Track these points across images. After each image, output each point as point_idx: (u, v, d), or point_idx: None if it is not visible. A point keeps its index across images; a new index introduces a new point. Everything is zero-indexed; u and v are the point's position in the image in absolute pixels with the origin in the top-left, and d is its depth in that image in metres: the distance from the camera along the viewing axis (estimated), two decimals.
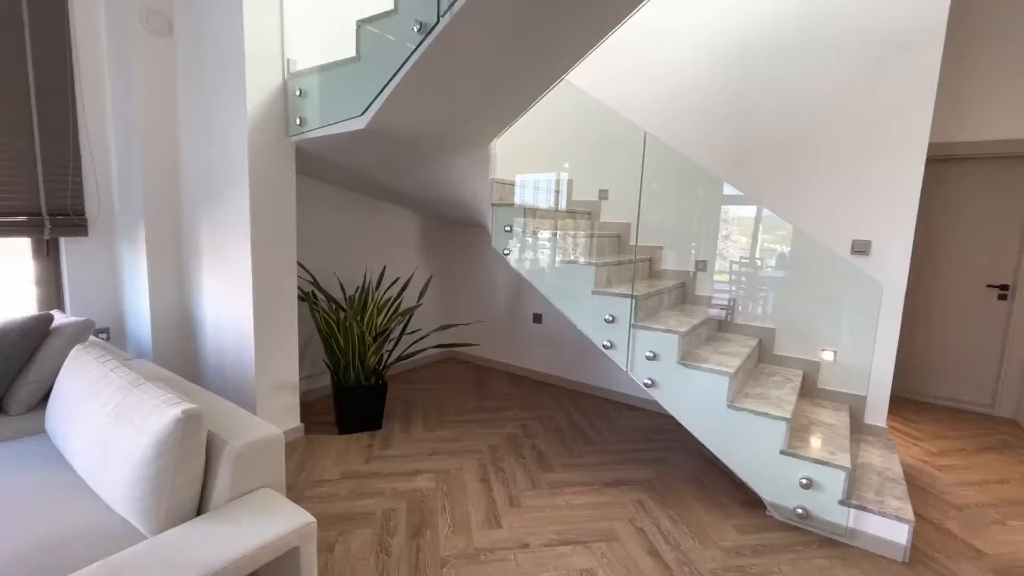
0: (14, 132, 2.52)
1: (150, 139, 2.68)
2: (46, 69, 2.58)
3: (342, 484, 2.36)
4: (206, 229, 2.68)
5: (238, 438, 1.55)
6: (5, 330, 2.15)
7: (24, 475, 1.61)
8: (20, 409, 2.11)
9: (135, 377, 1.69)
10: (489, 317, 4.28)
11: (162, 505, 1.39)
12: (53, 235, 2.69)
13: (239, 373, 2.63)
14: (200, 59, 2.56)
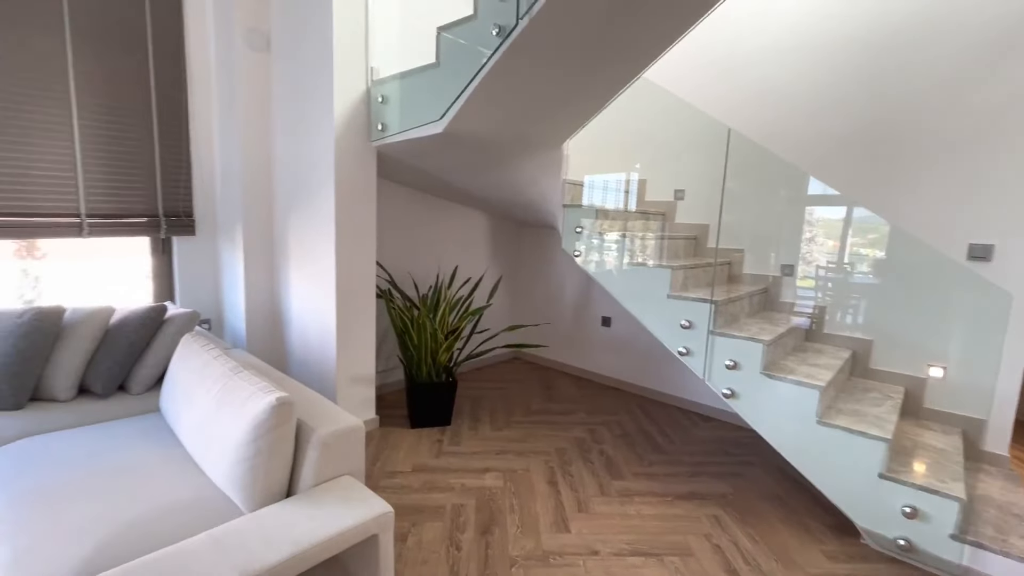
0: (140, 146, 2.83)
1: (248, 147, 2.91)
2: (165, 89, 2.88)
3: (414, 476, 2.44)
4: (294, 229, 2.88)
5: (323, 427, 1.64)
6: (128, 319, 2.42)
7: (143, 448, 1.80)
8: (140, 389, 2.37)
9: (235, 365, 1.84)
10: (556, 319, 4.26)
11: (258, 484, 1.50)
12: (167, 234, 3.00)
13: (321, 365, 2.79)
14: (293, 71, 2.75)
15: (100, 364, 2.30)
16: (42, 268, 3.81)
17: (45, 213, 2.58)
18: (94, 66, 2.64)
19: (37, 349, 2.18)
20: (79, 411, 2.18)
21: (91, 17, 2.60)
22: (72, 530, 1.34)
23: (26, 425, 2.02)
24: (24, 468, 1.65)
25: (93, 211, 2.72)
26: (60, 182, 2.60)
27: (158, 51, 2.84)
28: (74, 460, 1.69)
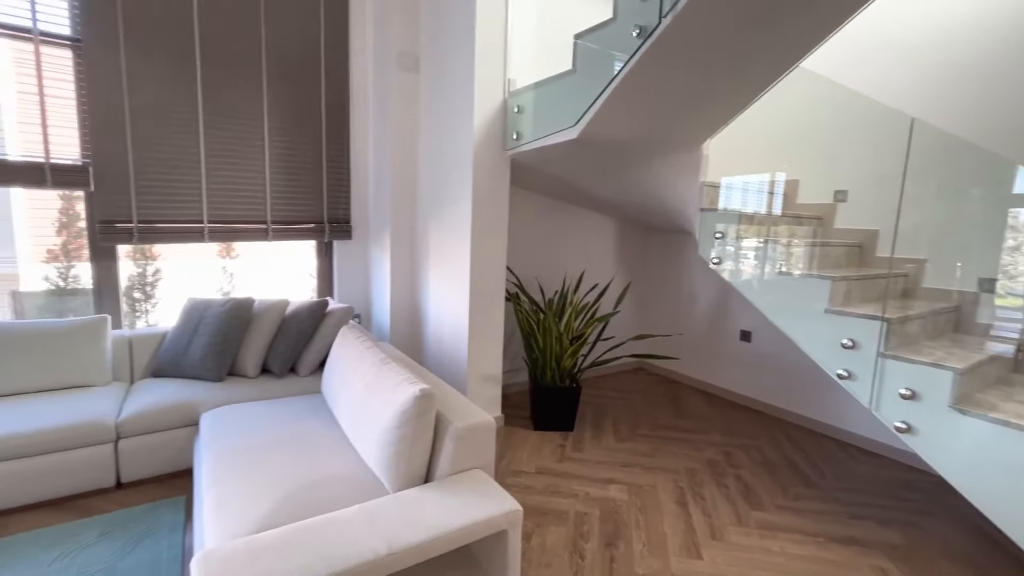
0: (312, 163, 3.29)
1: (397, 161, 3.21)
2: (333, 114, 3.31)
3: (537, 478, 2.46)
4: (434, 234, 3.10)
5: (459, 420, 1.73)
6: (299, 311, 2.81)
7: (309, 424, 2.06)
8: (306, 372, 2.73)
9: (383, 356, 2.02)
10: (688, 330, 4.02)
11: (401, 468, 1.63)
12: (330, 238, 3.43)
13: (454, 361, 2.96)
14: (438, 89, 2.97)
15: (278, 348, 2.70)
16: (236, 266, 4.62)
17: (243, 220, 3.11)
18: (282, 101, 3.12)
19: (235, 333, 2.63)
20: (261, 387, 2.58)
21: (282, 61, 3.09)
22: (258, 487, 1.58)
23: (225, 395, 2.45)
24: (224, 430, 1.99)
25: (275, 219, 3.21)
26: (254, 195, 3.12)
27: (329, 83, 3.27)
28: (259, 428, 1.99)
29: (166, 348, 2.67)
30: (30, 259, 4.40)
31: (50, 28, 2.57)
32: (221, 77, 2.93)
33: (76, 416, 2.13)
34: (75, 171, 2.67)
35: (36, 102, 2.59)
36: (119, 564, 1.72)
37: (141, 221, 2.82)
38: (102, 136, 2.68)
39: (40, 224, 4.41)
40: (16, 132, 2.77)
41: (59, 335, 2.46)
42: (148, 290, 4.09)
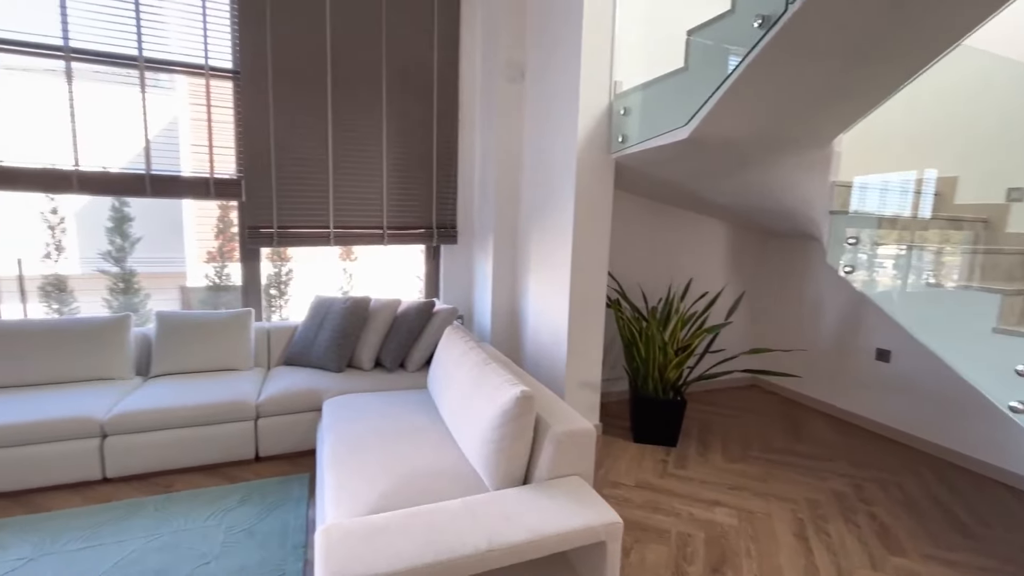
0: (423, 172, 3.50)
1: (502, 168, 3.30)
2: (443, 126, 3.50)
3: (636, 492, 2.37)
4: (535, 239, 3.13)
5: (559, 425, 1.72)
6: (409, 310, 2.99)
7: (417, 417, 2.18)
8: (414, 367, 2.90)
9: (486, 357, 2.08)
10: (812, 346, 3.63)
11: (501, 466, 1.66)
12: (438, 242, 3.62)
13: (552, 366, 2.96)
14: (543, 96, 3.01)
15: (390, 344, 2.90)
16: (354, 267, 5.05)
17: (363, 226, 3.39)
18: (399, 114, 3.37)
19: (354, 328, 2.87)
20: (375, 379, 2.78)
21: (399, 77, 3.33)
22: (372, 471, 1.70)
23: (344, 385, 2.68)
24: (343, 417, 2.17)
25: (391, 224, 3.46)
26: (373, 203, 3.39)
27: (441, 96, 3.46)
28: (373, 417, 2.15)
29: (296, 340, 2.99)
30: (195, 259, 5.20)
31: (217, 64, 3.02)
32: (347, 96, 3.23)
33: (227, 395, 2.46)
34: (231, 184, 3.11)
35: (204, 127, 3.06)
36: (257, 527, 1.95)
37: (280, 227, 3.20)
38: (252, 154, 3.09)
39: (203, 230, 5.19)
40: (189, 153, 3.30)
41: (216, 325, 2.86)
42: (282, 288, 4.60)
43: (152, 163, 2.96)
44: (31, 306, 3.57)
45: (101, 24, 2.79)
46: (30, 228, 3.77)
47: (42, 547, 1.80)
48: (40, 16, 2.71)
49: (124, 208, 4.08)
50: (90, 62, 2.83)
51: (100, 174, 2.89)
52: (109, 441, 2.25)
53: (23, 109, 2.81)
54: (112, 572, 1.69)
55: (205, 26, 2.95)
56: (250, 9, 2.97)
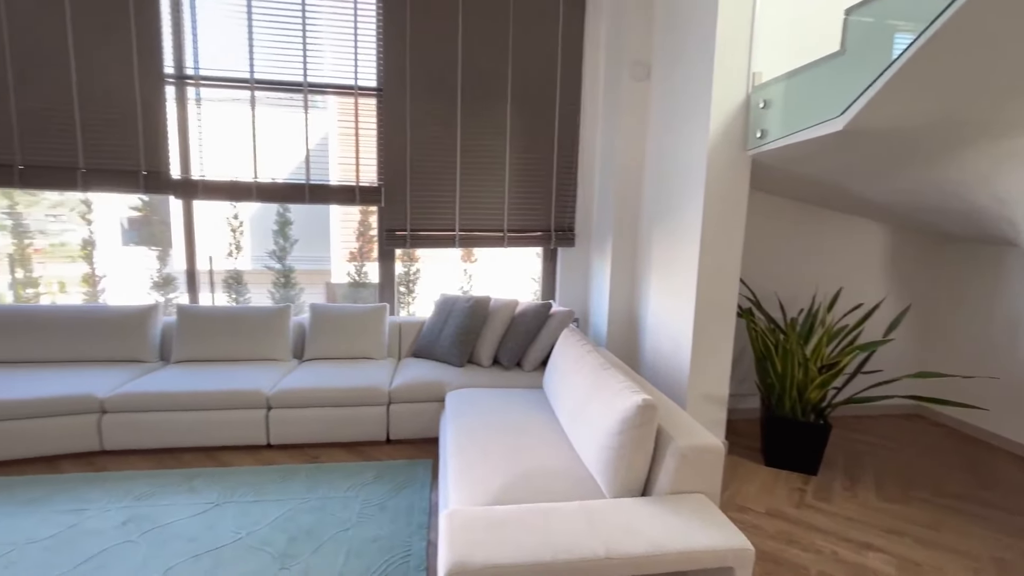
0: (543, 175, 3.55)
1: (624, 169, 3.22)
2: (565, 129, 3.52)
3: (767, 520, 2.16)
4: (657, 242, 3.01)
5: (683, 438, 1.63)
6: (526, 311, 3.05)
7: (532, 415, 2.22)
8: (530, 367, 2.95)
9: (603, 361, 2.05)
10: (1005, 373, 3.00)
11: (619, 475, 1.62)
12: (555, 245, 3.65)
13: (672, 375, 2.82)
14: (670, 94, 2.88)
15: (507, 343, 2.99)
16: (474, 268, 5.30)
17: (485, 229, 3.54)
18: (522, 119, 3.46)
19: (475, 326, 3.01)
20: (493, 376, 2.88)
21: (523, 81, 3.43)
22: (492, 463, 1.77)
23: (465, 379, 2.81)
24: (465, 409, 2.28)
25: (511, 227, 3.56)
26: (494, 207, 3.52)
27: (563, 98, 3.49)
28: (492, 412, 2.23)
29: (423, 334, 3.21)
30: (338, 259, 5.86)
31: (364, 83, 3.38)
32: (474, 106, 3.40)
33: (365, 381, 2.73)
34: (373, 191, 3.44)
35: (351, 140, 3.43)
36: (388, 503, 2.13)
37: (412, 229, 3.47)
38: (391, 163, 3.39)
39: (346, 233, 5.83)
40: (336, 164, 3.71)
41: (357, 317, 3.19)
42: (410, 286, 4.98)
43: (308, 174, 3.40)
44: (217, 295, 4.28)
45: (276, 57, 3.28)
46: (218, 231, 4.51)
47: (224, 495, 2.16)
48: (234, 55, 3.25)
49: (286, 213, 4.74)
50: (267, 90, 3.33)
51: (271, 184, 3.39)
52: (273, 413, 2.62)
53: (219, 133, 3.40)
54: (275, 524, 1.96)
55: (356, 51, 3.31)
56: (393, 32, 3.27)
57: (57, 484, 2.22)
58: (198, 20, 3.20)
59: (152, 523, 1.95)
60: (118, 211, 5.40)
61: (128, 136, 3.16)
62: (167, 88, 3.19)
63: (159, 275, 4.81)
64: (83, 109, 3.11)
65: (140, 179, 3.22)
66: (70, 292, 4.28)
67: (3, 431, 2.36)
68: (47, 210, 4.21)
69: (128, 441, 2.51)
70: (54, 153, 3.12)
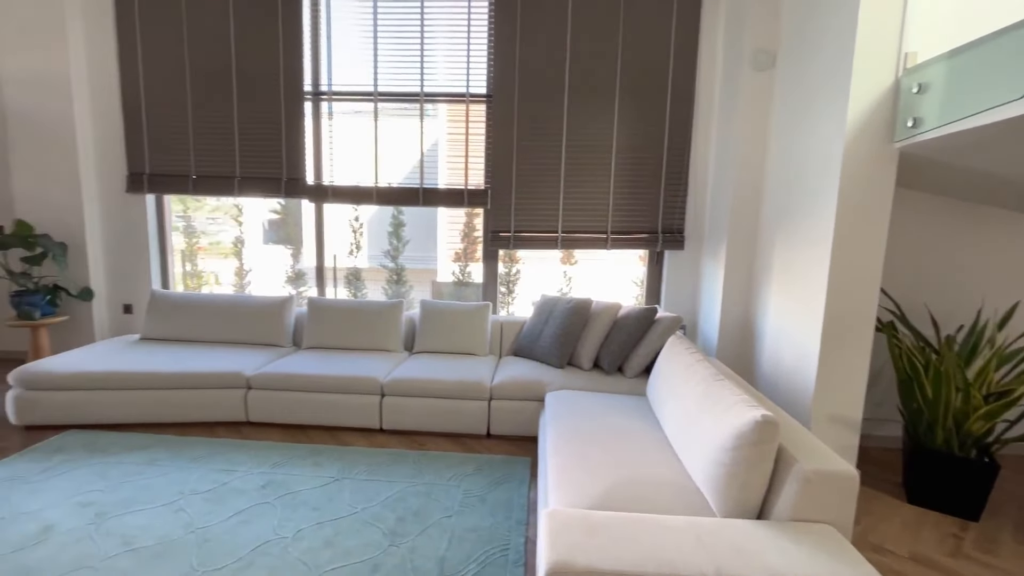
0: (650, 174, 3.43)
1: (742, 166, 3.00)
2: (676, 126, 3.37)
3: (911, 566, 1.87)
4: (780, 247, 2.76)
5: (808, 461, 1.48)
6: (629, 315, 2.96)
7: (634, 421, 2.14)
8: (632, 373, 2.86)
9: (715, 372, 1.92)
10: None
11: (731, 492, 1.51)
12: (662, 248, 3.50)
13: (794, 392, 2.56)
14: (799, 81, 2.63)
15: (609, 347, 2.93)
16: (573, 270, 5.27)
17: (588, 231, 3.50)
18: (629, 117, 3.38)
19: (575, 328, 2.99)
20: (593, 379, 2.84)
21: (632, 78, 3.34)
22: (592, 467, 1.74)
23: (565, 380, 2.80)
24: (565, 410, 2.27)
25: (615, 229, 3.49)
26: (598, 208, 3.47)
27: (674, 94, 3.34)
28: (594, 415, 2.19)
29: (524, 334, 3.26)
30: (443, 258, 6.16)
31: (475, 90, 3.51)
32: (581, 106, 3.38)
33: (469, 375, 2.83)
34: (480, 194, 3.57)
35: (460, 146, 3.58)
36: (488, 495, 2.19)
37: (516, 231, 3.53)
38: (498, 166, 3.49)
39: (451, 234, 6.12)
40: (445, 168, 3.90)
41: (463, 314, 3.33)
42: (510, 286, 5.09)
43: (422, 178, 3.61)
44: (339, 290, 4.71)
45: (396, 71, 3.53)
46: (341, 232, 4.96)
47: (343, 472, 2.37)
48: (360, 71, 3.57)
49: (400, 216, 5.08)
50: (388, 101, 3.60)
51: (389, 189, 3.65)
52: (386, 400, 2.82)
53: (346, 142, 3.74)
54: (386, 503, 2.11)
55: (468, 59, 3.46)
56: (504, 37, 3.37)
57: (213, 447, 2.58)
58: (332, 42, 3.56)
59: (285, 489, 2.20)
60: (261, 214, 6.13)
61: (273, 147, 3.61)
62: (305, 104, 3.58)
63: (292, 270, 5.41)
64: (240, 126, 3.60)
65: (282, 185, 3.65)
66: (223, 283, 4.98)
67: (175, 398, 2.80)
68: (207, 214, 4.94)
69: (267, 415, 2.86)
70: (217, 165, 3.65)
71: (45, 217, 3.71)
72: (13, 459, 2.40)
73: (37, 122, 3.63)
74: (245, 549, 1.80)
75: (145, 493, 2.14)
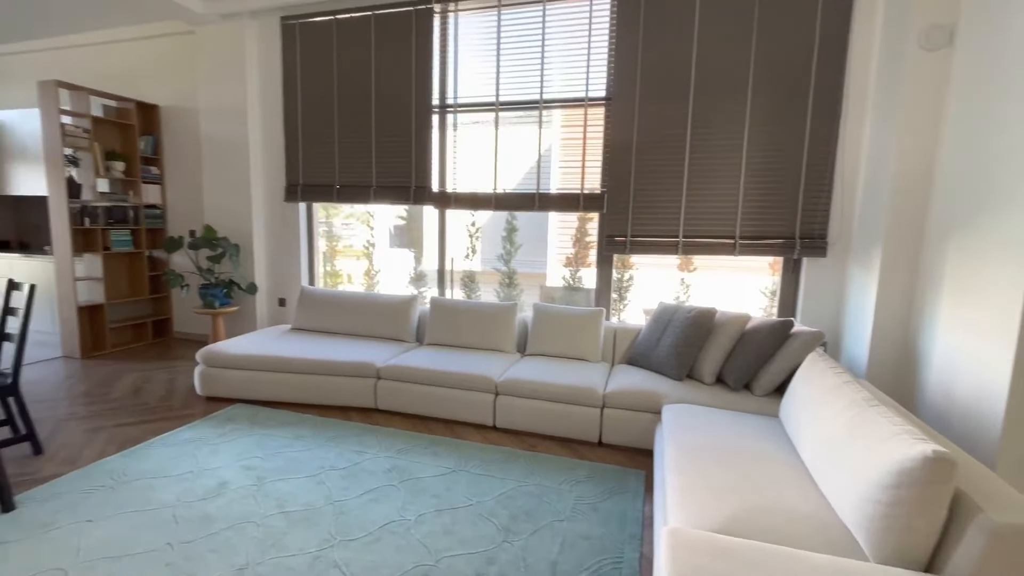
0: (788, 175, 3.12)
1: (904, 160, 2.61)
2: (819, 120, 3.03)
3: None
4: (954, 254, 2.34)
5: (998, 512, 1.23)
6: (760, 327, 2.72)
7: (764, 444, 1.96)
8: (761, 392, 2.62)
9: (868, 396, 1.69)
10: None
11: (891, 536, 1.31)
12: (800, 255, 3.16)
13: (973, 429, 2.15)
14: (989, 62, 2.22)
15: (734, 361, 2.71)
16: (692, 278, 4.98)
17: (712, 235, 3.29)
18: (764, 114, 3.11)
19: (696, 339, 2.82)
20: (715, 395, 2.65)
21: (769, 73, 3.07)
22: (718, 488, 1.62)
23: (684, 393, 2.65)
24: (685, 426, 2.15)
25: (744, 233, 3.23)
26: (725, 211, 3.24)
27: (819, 86, 3.01)
28: (718, 434, 2.05)
29: (639, 342, 3.15)
30: (553, 263, 6.20)
31: (593, 94, 3.49)
32: (708, 104, 3.19)
33: (581, 380, 2.81)
34: (596, 198, 3.53)
35: (575, 150, 3.58)
36: (600, 505, 2.15)
37: (633, 235, 3.44)
38: (615, 170, 3.42)
39: (561, 238, 6.13)
40: (559, 173, 3.91)
41: (575, 319, 3.31)
42: (622, 293, 4.96)
43: (533, 184, 3.67)
44: (456, 292, 4.95)
45: (517, 80, 3.63)
46: (459, 236, 5.21)
47: (459, 464, 2.48)
48: (483, 82, 3.73)
49: (513, 220, 5.21)
50: (508, 110, 3.72)
51: (507, 194, 3.76)
52: (500, 399, 2.90)
53: (468, 151, 3.94)
54: (499, 500, 2.17)
55: (588, 63, 3.45)
56: (626, 37, 3.30)
57: (347, 429, 2.86)
58: (459, 57, 3.77)
59: (408, 475, 2.36)
60: (387, 220, 6.68)
61: (404, 159, 3.92)
62: (433, 116, 3.84)
63: (414, 272, 5.81)
64: (377, 140, 3.97)
65: (411, 192, 3.95)
66: (355, 282, 5.53)
67: (317, 382, 3.16)
68: (342, 219, 5.51)
69: (393, 404, 3.10)
70: (357, 175, 4.06)
71: (224, 223, 4.42)
72: (198, 424, 2.88)
73: (222, 145, 4.35)
74: (374, 525, 1.97)
75: (293, 464, 2.43)
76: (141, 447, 2.57)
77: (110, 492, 2.14)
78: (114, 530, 1.89)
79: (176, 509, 2.03)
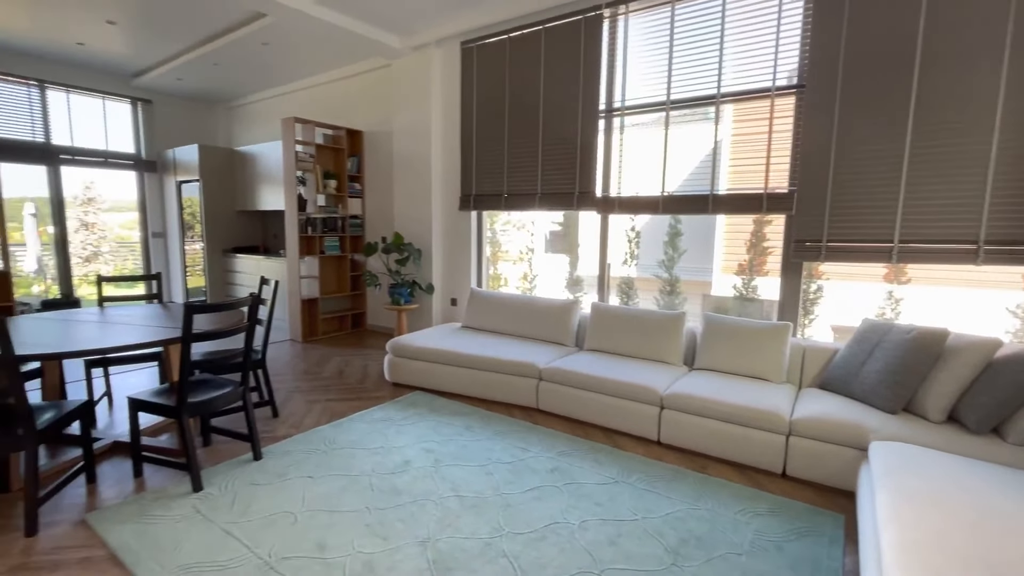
0: (974, 165, 2.39)
1: None
2: None
3: None
4: None
5: None
6: (1016, 358, 2.13)
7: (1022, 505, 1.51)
8: (1017, 439, 2.05)
9: None
10: None
11: None
12: None
13: None
14: None
15: (978, 397, 2.16)
16: (904, 291, 4.12)
17: (943, 240, 2.68)
18: None
19: (919, 365, 2.32)
20: (945, 436, 2.14)
21: None
22: (955, 554, 1.29)
23: (898, 430, 2.20)
24: (905, 468, 1.77)
25: (991, 238, 2.56)
26: (964, 211, 2.61)
27: None
28: (952, 482, 1.65)
29: (837, 364, 2.71)
30: (719, 271, 5.69)
31: (781, 82, 3.11)
32: (940, 77, 2.61)
33: (760, 402, 2.51)
34: (783, 198, 3.14)
35: (754, 147, 3.22)
36: (785, 545, 1.89)
37: (829, 240, 2.97)
38: (808, 165, 3.00)
39: (732, 244, 5.60)
40: (735, 171, 3.56)
41: (753, 333, 2.99)
42: (807, 306, 4.34)
43: (698, 184, 3.40)
44: (612, 298, 4.87)
45: (690, 75, 3.42)
46: (617, 242, 5.11)
47: (621, 476, 2.41)
48: (652, 81, 3.60)
49: (677, 224, 4.92)
50: (680, 108, 3.52)
51: (675, 197, 3.57)
52: (665, 413, 2.75)
53: (634, 153, 3.83)
54: (666, 519, 2.05)
55: (776, 48, 3.09)
56: (825, 16, 2.88)
57: (512, 425, 2.99)
58: (628, 58, 3.70)
59: (570, 478, 2.37)
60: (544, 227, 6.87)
61: (568, 165, 3.97)
62: (599, 121, 3.83)
63: (570, 277, 5.85)
64: (544, 148, 4.10)
65: (574, 199, 3.99)
66: (511, 286, 5.78)
67: (484, 378, 3.37)
68: (501, 226, 5.82)
69: (553, 405, 3.15)
70: (523, 183, 4.24)
71: (409, 230, 5.00)
72: (386, 405, 3.29)
73: (409, 161, 4.94)
74: (539, 523, 2.01)
75: (465, 452, 2.62)
76: (345, 420, 3.02)
77: (324, 455, 2.56)
78: (327, 488, 2.25)
79: (372, 478, 2.34)
